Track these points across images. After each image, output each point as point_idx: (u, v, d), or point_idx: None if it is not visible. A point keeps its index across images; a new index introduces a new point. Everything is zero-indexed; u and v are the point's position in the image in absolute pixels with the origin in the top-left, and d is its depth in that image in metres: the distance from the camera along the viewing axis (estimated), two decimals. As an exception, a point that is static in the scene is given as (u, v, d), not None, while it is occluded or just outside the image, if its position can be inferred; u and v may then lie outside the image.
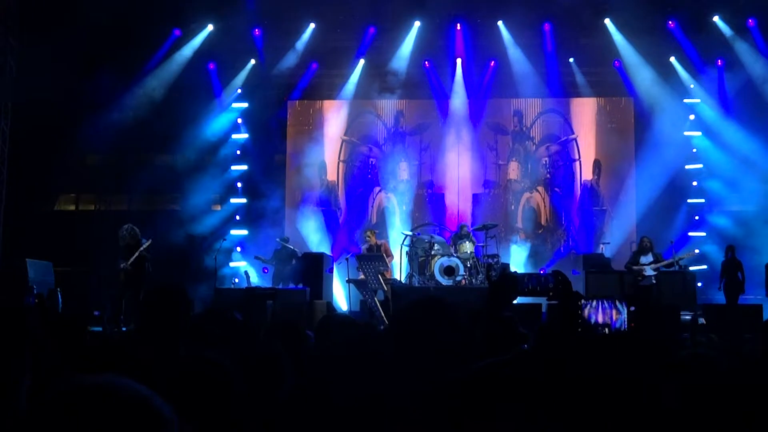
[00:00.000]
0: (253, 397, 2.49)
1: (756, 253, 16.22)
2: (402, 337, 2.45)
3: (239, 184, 19.38)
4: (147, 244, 14.11)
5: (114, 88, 17.60)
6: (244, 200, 19.27)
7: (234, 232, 18.76)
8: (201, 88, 18.97)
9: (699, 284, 16.51)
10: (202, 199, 18.73)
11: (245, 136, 19.57)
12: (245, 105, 19.49)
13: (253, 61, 19.41)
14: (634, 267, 15.27)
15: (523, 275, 14.01)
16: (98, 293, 16.61)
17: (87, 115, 17.27)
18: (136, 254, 13.88)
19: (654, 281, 15.24)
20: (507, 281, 3.39)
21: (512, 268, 16.66)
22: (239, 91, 19.53)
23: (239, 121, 19.58)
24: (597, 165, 19.70)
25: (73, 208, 20.39)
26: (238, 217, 19.20)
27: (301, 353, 3.79)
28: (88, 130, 17.28)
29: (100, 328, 13.09)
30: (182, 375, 2.26)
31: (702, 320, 12.24)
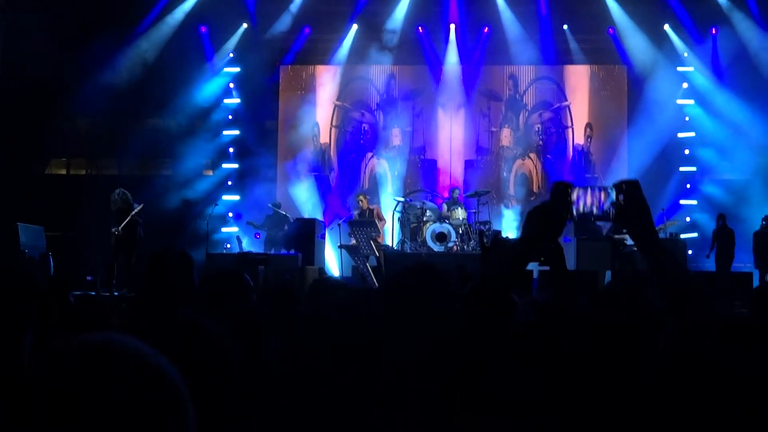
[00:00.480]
0: (244, 362, 2.49)
1: (746, 221, 16.29)
2: (394, 302, 2.45)
3: (231, 149, 19.30)
4: (138, 208, 14.08)
5: (105, 52, 17.45)
6: (236, 165, 19.21)
7: (226, 197, 18.71)
8: (193, 51, 18.83)
9: (689, 252, 16.57)
10: (193, 164, 18.68)
11: (237, 100, 19.46)
12: (237, 69, 19.36)
13: (245, 25, 19.26)
14: (616, 236, 14.96)
15: (515, 240, 14.03)
16: (90, 258, 16.59)
17: (78, 79, 17.13)
18: (128, 219, 13.86)
19: (636, 248, 15.13)
20: (500, 247, 3.39)
21: (504, 235, 16.70)
22: (231, 55, 19.40)
23: (231, 85, 19.45)
24: (590, 129, 19.67)
25: (64, 172, 20.30)
26: (230, 183, 19.15)
27: (294, 317, 3.79)
28: (80, 94, 17.16)
29: (93, 293, 13.11)
30: (179, 341, 2.26)
31: None
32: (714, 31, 18.54)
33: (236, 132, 19.29)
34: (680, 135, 18.80)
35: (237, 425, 1.35)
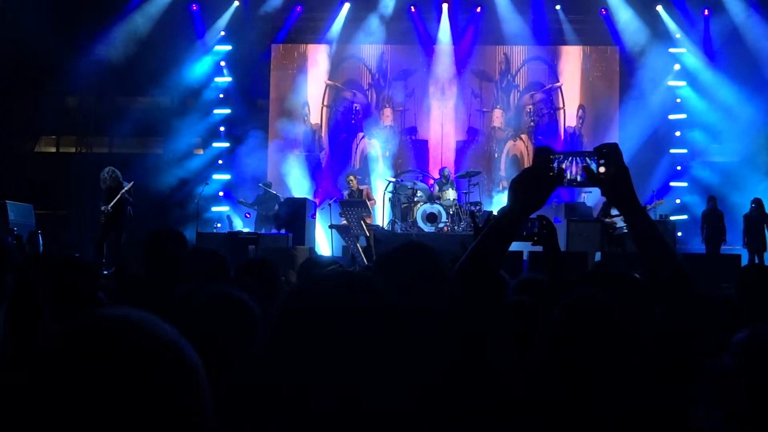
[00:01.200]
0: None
1: (736, 203, 16.33)
2: (385, 277, 2.45)
3: (222, 128, 19.23)
4: (128, 186, 14.02)
5: (96, 29, 17.34)
6: (227, 144, 19.14)
7: (216, 176, 18.65)
8: (184, 29, 18.71)
9: (679, 234, 16.61)
10: (184, 142, 18.62)
11: (228, 79, 19.36)
12: (228, 48, 19.26)
13: (236, 3, 19.15)
14: (606, 219, 14.91)
15: (501, 212, 14.02)
16: (79, 236, 16.54)
17: (68, 57, 17.00)
18: (117, 197, 13.81)
19: (625, 230, 15.10)
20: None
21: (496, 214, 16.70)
22: (222, 33, 19.28)
23: (222, 63, 19.35)
24: (582, 110, 19.68)
25: (53, 150, 20.21)
26: (220, 161, 19.09)
27: (276, 292, 3.78)
28: (70, 72, 17.07)
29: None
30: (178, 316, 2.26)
31: None
32: (706, 13, 18.53)
33: (227, 111, 19.21)
34: (671, 117, 18.83)
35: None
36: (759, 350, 1.69)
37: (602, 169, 2.09)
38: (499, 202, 18.75)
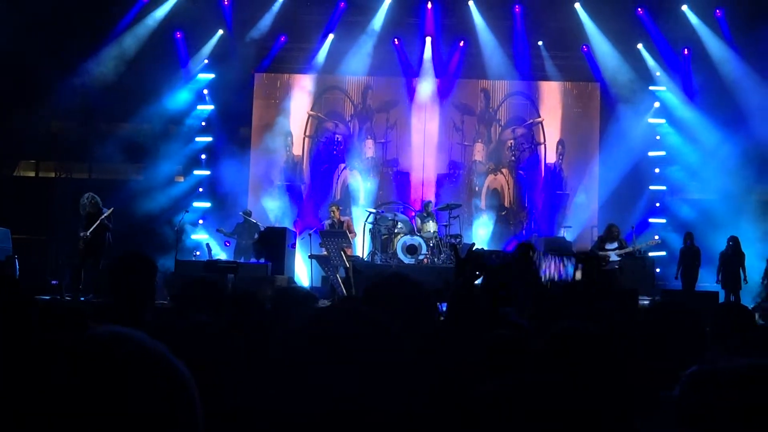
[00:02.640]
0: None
1: (713, 241, 16.42)
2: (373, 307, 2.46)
3: (203, 156, 19.21)
4: (108, 212, 13.95)
5: (80, 55, 17.33)
6: (207, 172, 19.11)
7: (197, 204, 18.60)
8: (168, 57, 18.72)
9: (657, 270, 16.70)
10: (165, 169, 18.55)
11: (211, 107, 19.36)
12: (212, 76, 19.28)
13: (221, 32, 19.20)
14: (600, 252, 15.24)
15: (488, 252, 14.10)
16: (57, 261, 16.40)
17: (51, 82, 16.96)
18: (97, 223, 13.73)
19: (617, 266, 15.31)
20: (473, 258, 3.40)
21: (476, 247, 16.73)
22: (206, 61, 19.31)
23: (205, 92, 19.36)
24: (561, 144, 19.81)
25: (33, 174, 20.09)
26: (201, 189, 19.05)
27: (260, 324, 3.76)
28: (52, 96, 17.01)
29: (58, 297, 12.95)
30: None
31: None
32: (686, 52, 18.78)
33: (209, 138, 19.19)
34: (651, 153, 18.99)
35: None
36: (703, 382, 1.73)
37: (578, 274, 2.20)
38: (479, 234, 18.80)
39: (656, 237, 16.39)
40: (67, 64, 17.09)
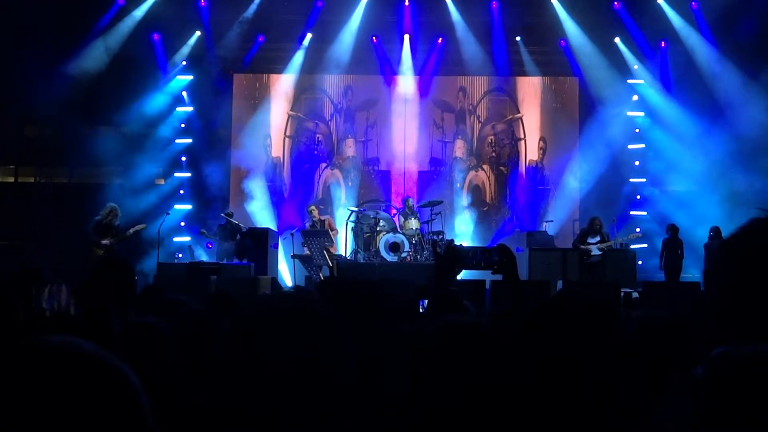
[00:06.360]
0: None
1: (694, 232, 16.51)
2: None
3: (183, 158, 19.12)
4: (140, 227, 14.99)
5: (56, 58, 17.19)
6: (188, 174, 19.03)
7: (178, 206, 18.51)
8: (145, 59, 18.60)
9: (639, 262, 16.79)
10: (145, 172, 18.46)
11: (190, 109, 19.27)
12: (190, 77, 19.19)
13: (198, 33, 19.11)
14: (582, 246, 15.35)
15: (469, 249, 14.14)
16: (36, 266, 16.27)
17: (26, 86, 16.83)
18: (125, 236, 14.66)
19: (600, 259, 15.40)
20: (453, 255, 3.40)
21: (457, 243, 16.76)
22: (184, 63, 19.21)
23: (184, 93, 19.27)
24: (543, 141, 19.89)
25: (12, 180, 19.94)
26: (182, 192, 18.97)
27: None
28: (28, 101, 16.88)
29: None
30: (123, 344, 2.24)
31: (636, 295, 12.43)
32: (663, 45, 18.88)
33: (189, 140, 19.11)
34: (630, 146, 19.08)
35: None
36: (734, 363, 1.73)
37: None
38: (461, 230, 18.85)
39: (638, 230, 16.48)
40: (44, 68, 16.95)
